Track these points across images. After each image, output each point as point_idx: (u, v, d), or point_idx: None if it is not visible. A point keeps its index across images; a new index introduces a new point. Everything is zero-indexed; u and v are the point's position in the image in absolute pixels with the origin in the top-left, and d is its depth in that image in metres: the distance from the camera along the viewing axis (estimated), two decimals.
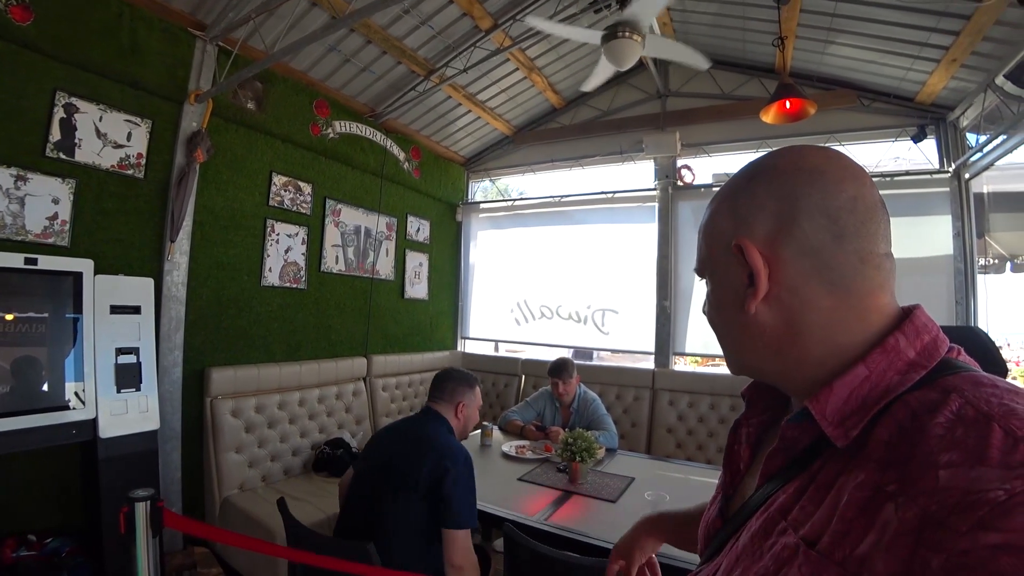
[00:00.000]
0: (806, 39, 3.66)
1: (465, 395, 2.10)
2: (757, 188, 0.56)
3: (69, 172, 2.60)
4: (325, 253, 4.00)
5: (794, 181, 0.53)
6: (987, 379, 0.44)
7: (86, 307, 2.36)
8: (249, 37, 3.15)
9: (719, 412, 3.86)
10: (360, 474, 1.99)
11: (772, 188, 0.54)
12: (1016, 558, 0.32)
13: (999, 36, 2.88)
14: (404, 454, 1.85)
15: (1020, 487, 0.34)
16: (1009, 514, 0.33)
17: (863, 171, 0.53)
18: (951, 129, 3.75)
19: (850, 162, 0.54)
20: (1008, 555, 0.32)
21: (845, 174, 0.52)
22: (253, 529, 2.64)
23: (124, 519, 1.55)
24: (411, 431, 1.97)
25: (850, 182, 0.52)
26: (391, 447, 1.94)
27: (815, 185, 0.52)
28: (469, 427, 2.14)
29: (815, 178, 0.52)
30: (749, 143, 4.49)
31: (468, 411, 2.10)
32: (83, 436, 2.31)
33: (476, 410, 2.16)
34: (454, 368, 2.22)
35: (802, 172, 0.53)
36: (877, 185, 0.54)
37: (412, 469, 1.79)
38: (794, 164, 0.54)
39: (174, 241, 2.95)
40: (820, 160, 0.53)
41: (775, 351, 0.55)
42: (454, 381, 2.11)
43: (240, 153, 3.39)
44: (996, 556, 0.32)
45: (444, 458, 1.79)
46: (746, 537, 0.54)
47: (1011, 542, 0.32)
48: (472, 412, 2.13)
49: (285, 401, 3.37)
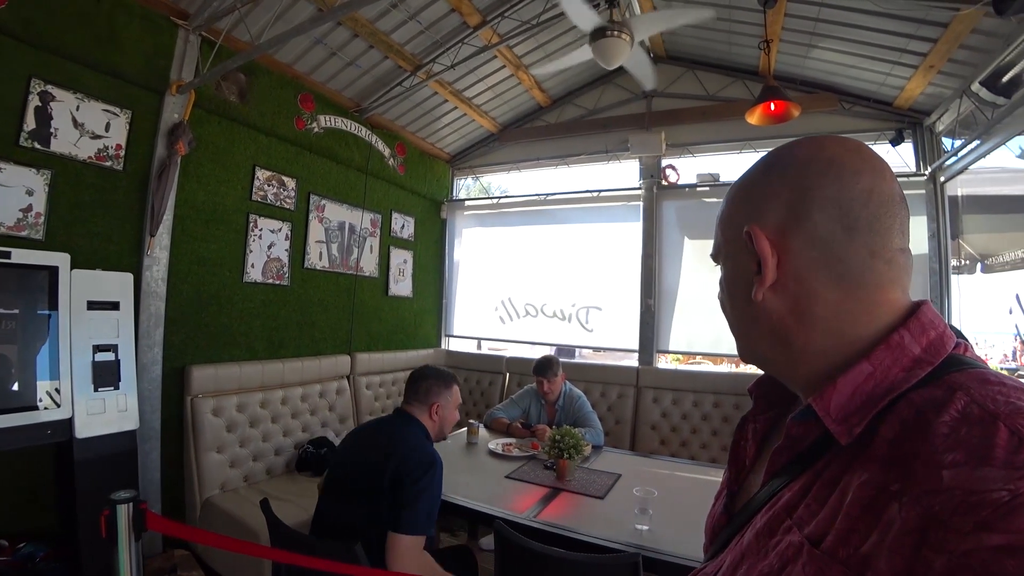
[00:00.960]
0: (790, 43, 3.73)
1: (440, 395, 2.01)
2: (772, 177, 0.56)
3: (44, 163, 2.50)
4: (309, 249, 3.94)
5: (809, 171, 0.53)
6: (994, 376, 0.44)
7: (62, 303, 2.28)
8: (233, 28, 3.08)
9: (702, 409, 3.90)
10: (331, 476, 1.95)
11: (787, 177, 0.54)
12: (1019, 560, 0.32)
13: (975, 44, 2.97)
14: (372, 460, 1.80)
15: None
16: (1012, 515, 0.33)
17: (884, 164, 0.53)
18: (927, 133, 3.86)
19: (870, 154, 0.53)
20: (1011, 557, 0.32)
21: (863, 166, 0.52)
22: (235, 530, 2.58)
23: (105, 522, 1.50)
24: (382, 433, 1.91)
25: (867, 174, 0.51)
26: (361, 451, 1.89)
27: (829, 176, 0.52)
28: (447, 428, 2.06)
29: (831, 169, 0.52)
30: (733, 144, 4.56)
31: (444, 412, 2.02)
32: (58, 437, 2.23)
33: (454, 410, 2.07)
34: (430, 366, 2.15)
35: (818, 162, 0.53)
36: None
37: (378, 474, 1.74)
38: (811, 154, 0.54)
39: (154, 235, 2.87)
40: (839, 151, 0.53)
41: (781, 340, 0.55)
42: (428, 380, 2.03)
43: (223, 146, 3.32)
44: (999, 558, 0.32)
45: (410, 462, 1.72)
46: (751, 534, 0.54)
47: (1014, 543, 0.32)
48: (449, 413, 2.04)
49: (267, 399, 3.31)
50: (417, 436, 1.89)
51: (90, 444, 2.32)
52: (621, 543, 1.81)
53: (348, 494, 1.82)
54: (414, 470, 1.70)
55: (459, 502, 2.19)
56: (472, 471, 2.65)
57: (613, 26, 2.68)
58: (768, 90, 3.17)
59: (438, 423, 2.01)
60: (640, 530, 1.91)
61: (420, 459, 1.74)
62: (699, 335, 4.47)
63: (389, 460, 1.75)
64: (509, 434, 3.23)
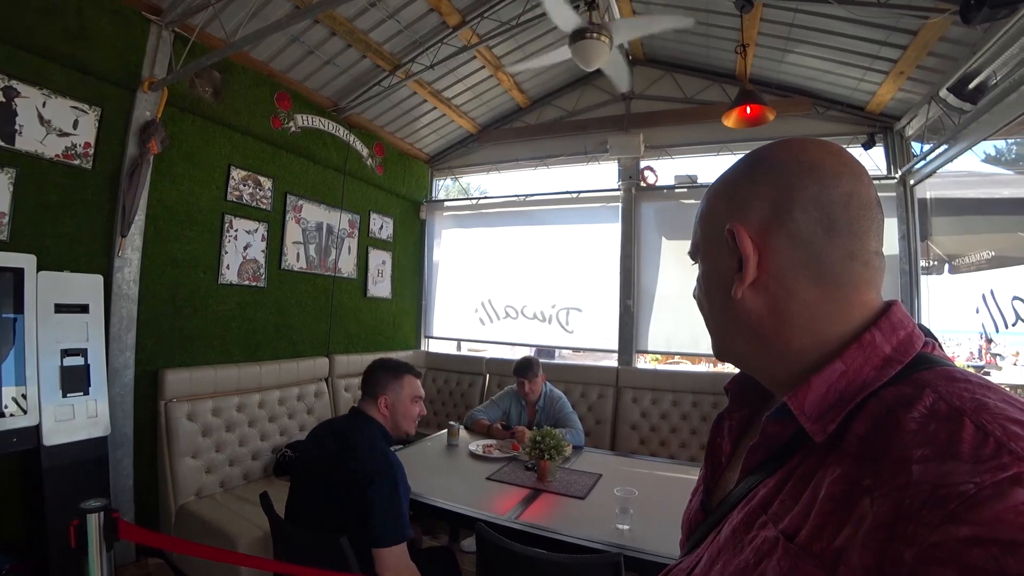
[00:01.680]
0: (766, 47, 3.79)
1: (388, 386, 1.92)
2: (756, 176, 0.56)
3: (8, 161, 2.41)
4: (286, 250, 3.88)
5: (793, 172, 0.54)
6: (961, 374, 0.46)
7: (28, 306, 2.21)
8: (208, 24, 3.02)
9: (681, 408, 3.95)
10: (297, 466, 1.92)
11: (770, 177, 0.55)
12: (986, 550, 0.33)
13: (943, 52, 3.06)
14: (331, 452, 1.77)
15: (989, 480, 0.35)
16: (979, 507, 0.34)
17: (862, 168, 0.54)
18: (898, 138, 3.97)
19: (850, 158, 0.55)
20: (978, 547, 0.33)
21: (843, 170, 0.53)
22: (212, 537, 2.53)
23: (75, 532, 1.46)
24: (341, 433, 1.84)
25: (847, 178, 0.52)
26: (323, 442, 1.85)
27: (812, 178, 0.52)
28: (404, 423, 1.95)
29: (813, 171, 0.53)
30: (711, 146, 4.62)
31: (396, 404, 1.91)
32: (25, 444, 2.16)
33: (409, 402, 1.96)
34: (384, 358, 2.04)
35: (802, 164, 0.54)
36: None
37: (338, 470, 1.71)
38: (795, 156, 0.55)
39: (125, 236, 2.79)
40: (821, 154, 0.54)
41: (758, 338, 0.56)
42: (377, 372, 1.94)
43: (197, 145, 3.24)
44: (966, 548, 0.33)
45: (368, 470, 1.66)
46: (727, 530, 0.54)
47: (981, 535, 0.33)
48: (403, 406, 1.93)
49: (244, 403, 3.26)
50: (373, 438, 1.81)
51: (59, 451, 2.25)
52: (603, 543, 1.82)
53: (313, 484, 1.79)
54: (374, 479, 1.64)
55: (440, 504, 2.17)
56: (453, 473, 2.64)
57: (593, 28, 2.70)
58: (744, 94, 3.22)
59: (390, 417, 1.91)
60: (621, 530, 1.92)
61: (378, 467, 1.68)
62: (677, 335, 4.53)
63: (348, 462, 1.70)
64: (490, 435, 3.22)
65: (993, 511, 0.34)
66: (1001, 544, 0.33)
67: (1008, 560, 0.32)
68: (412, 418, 1.98)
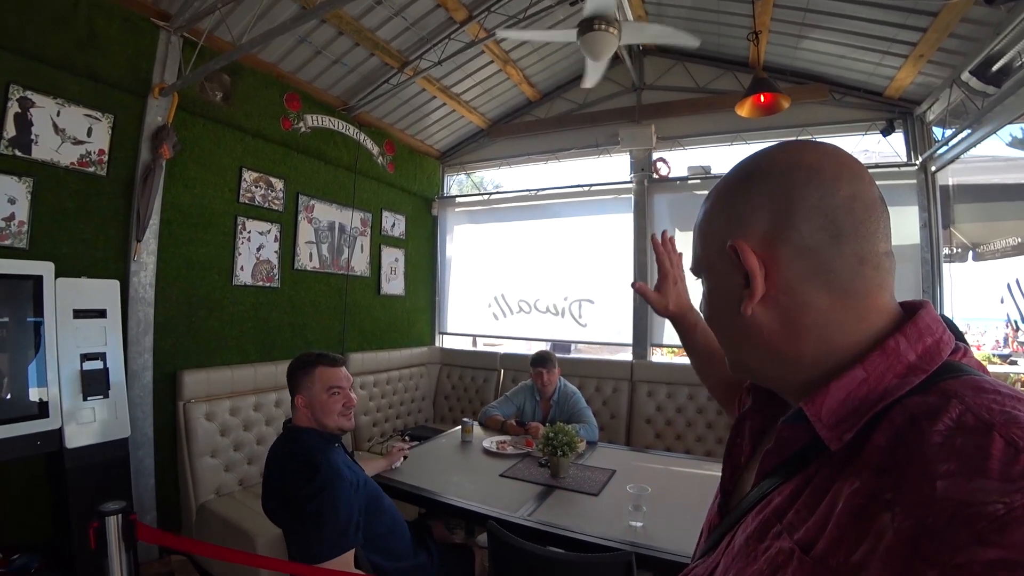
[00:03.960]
0: (780, 33, 3.70)
1: (301, 383, 1.82)
2: (753, 187, 0.54)
3: (26, 170, 2.47)
4: (299, 250, 3.92)
5: (790, 180, 0.51)
6: (990, 384, 0.43)
7: (47, 312, 2.25)
8: (215, 28, 3.04)
9: (697, 402, 3.91)
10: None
11: (768, 187, 0.53)
12: (1014, 575, 0.31)
13: (964, 33, 2.96)
14: (271, 484, 1.76)
15: (1020, 501, 0.33)
16: (1007, 529, 0.32)
17: (862, 168, 0.52)
18: (918, 123, 3.85)
19: (848, 158, 0.52)
20: (1006, 571, 0.31)
21: (843, 171, 0.51)
22: (232, 534, 2.58)
23: (94, 534, 1.49)
24: (276, 456, 1.80)
25: (848, 180, 0.50)
26: (269, 469, 1.82)
27: (811, 184, 0.50)
28: (326, 420, 1.82)
29: (812, 177, 0.51)
30: (724, 136, 4.54)
31: (312, 401, 1.81)
32: (49, 447, 2.21)
33: (326, 395, 1.82)
34: (302, 353, 1.92)
35: (799, 170, 0.51)
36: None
37: (281, 502, 1.70)
38: (790, 162, 0.52)
39: (140, 241, 2.84)
40: (817, 157, 0.52)
41: (772, 352, 0.54)
42: (291, 371, 1.86)
43: (208, 148, 3.28)
44: (993, 572, 0.32)
45: (294, 481, 1.63)
46: (741, 537, 0.53)
47: (1009, 558, 0.32)
48: (319, 401, 1.81)
49: (261, 403, 3.30)
50: (298, 450, 1.74)
51: (81, 453, 2.30)
52: (615, 540, 1.81)
53: (267, 502, 1.80)
54: (299, 490, 1.60)
55: (453, 502, 2.18)
56: (466, 470, 2.64)
57: (593, 20, 2.66)
58: (757, 82, 3.15)
59: (310, 414, 1.82)
60: (634, 527, 1.91)
61: (304, 476, 1.63)
62: None
63: (283, 486, 1.69)
64: (503, 432, 3.23)
65: (1023, 534, 0.32)
66: None
67: None
68: (334, 412, 1.83)
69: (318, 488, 1.60)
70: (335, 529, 1.57)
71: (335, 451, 1.82)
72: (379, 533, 1.86)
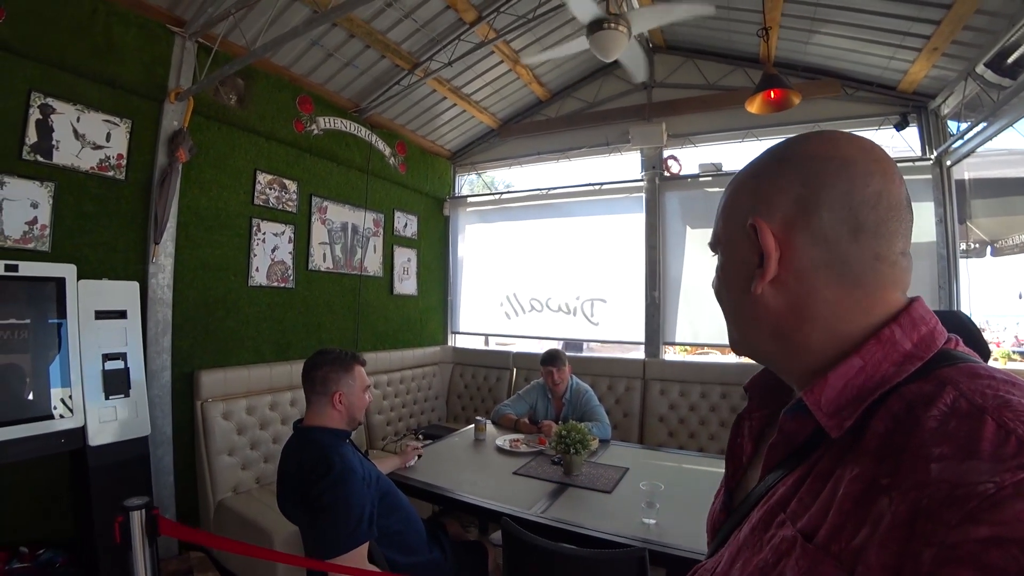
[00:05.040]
0: (790, 29, 3.67)
1: (341, 380, 1.83)
2: (784, 170, 0.55)
3: (47, 175, 2.53)
4: (312, 251, 3.96)
5: (822, 169, 0.52)
6: (984, 370, 0.44)
7: (70, 313, 2.32)
8: (229, 33, 3.09)
9: (710, 400, 3.90)
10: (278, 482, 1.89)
11: (799, 173, 0.53)
12: (1005, 551, 0.32)
13: (979, 25, 2.91)
14: (287, 483, 1.78)
15: (1010, 479, 0.34)
16: (998, 507, 0.33)
17: (894, 166, 0.53)
18: (932, 117, 3.80)
19: (882, 155, 0.53)
20: (997, 548, 0.33)
21: (875, 168, 0.51)
22: (248, 531, 2.62)
23: (119, 528, 1.53)
24: (292, 458, 1.80)
25: (878, 177, 0.51)
26: (286, 462, 1.82)
27: (842, 176, 0.51)
28: (358, 415, 1.89)
29: (844, 169, 0.51)
30: (735, 133, 4.51)
31: (350, 398, 1.84)
32: (72, 445, 2.27)
33: (362, 393, 1.88)
34: (324, 350, 1.91)
35: (832, 161, 0.52)
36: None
37: (296, 501, 1.72)
38: (825, 152, 0.53)
39: (158, 243, 2.89)
40: (852, 150, 0.52)
41: (777, 334, 0.55)
42: (324, 368, 1.84)
43: (223, 152, 3.33)
44: (986, 549, 0.33)
45: (311, 478, 1.64)
46: (747, 529, 0.54)
47: (1000, 535, 0.33)
48: (356, 398, 1.86)
49: (276, 402, 3.34)
50: (312, 449, 1.75)
51: (103, 451, 2.36)
52: (628, 537, 1.81)
53: (284, 503, 1.82)
54: (313, 486, 1.63)
55: (467, 499, 2.20)
56: (480, 468, 2.66)
57: (611, 18, 2.66)
58: (768, 78, 3.14)
59: (345, 412, 1.85)
60: (647, 524, 1.91)
61: (318, 472, 1.65)
62: (705, 325, 4.46)
63: (295, 482, 1.72)
64: (517, 430, 3.24)
65: (1013, 511, 0.33)
66: (1021, 544, 0.32)
67: None
68: (364, 408, 1.93)
69: (331, 483, 1.62)
70: (348, 523, 1.59)
71: (347, 447, 1.85)
72: (394, 529, 1.88)
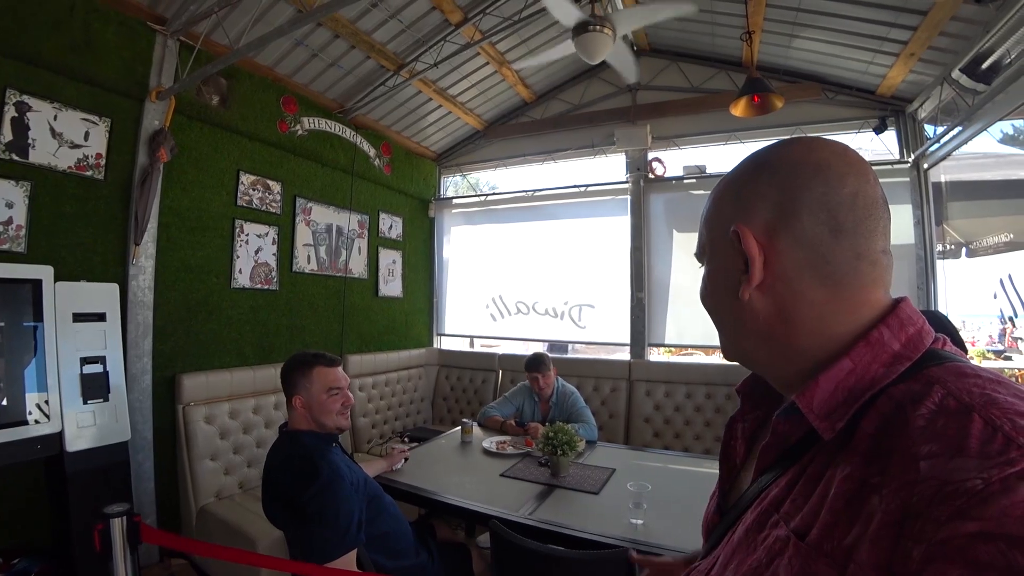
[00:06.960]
0: (772, 33, 3.74)
1: (298, 384, 1.79)
2: (762, 177, 0.56)
3: (23, 174, 2.47)
4: (296, 253, 3.92)
5: (799, 174, 0.53)
6: (971, 369, 0.45)
7: (47, 316, 2.26)
8: (212, 31, 3.05)
9: (695, 400, 3.93)
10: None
11: (776, 179, 0.54)
12: (993, 546, 0.33)
13: (954, 31, 2.99)
14: (272, 488, 1.75)
15: (997, 476, 0.35)
16: (986, 503, 0.34)
17: (868, 167, 0.54)
18: (910, 121, 3.89)
19: (855, 157, 0.54)
20: (986, 543, 0.33)
21: (849, 169, 0.52)
22: (232, 537, 2.58)
23: (99, 536, 1.50)
24: (275, 459, 1.77)
25: (853, 178, 0.52)
26: (268, 471, 1.79)
27: (818, 179, 0.52)
28: (325, 420, 1.80)
29: (819, 172, 0.52)
30: (719, 135, 4.57)
31: (310, 402, 1.78)
32: (49, 451, 2.22)
33: (325, 396, 1.79)
34: (297, 353, 1.89)
35: (807, 165, 0.53)
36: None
37: (281, 505, 1.69)
38: (800, 157, 0.54)
39: (139, 244, 2.84)
40: (826, 154, 0.53)
41: (766, 339, 0.56)
42: (285, 370, 1.82)
43: (206, 152, 3.29)
44: (974, 544, 0.33)
45: (295, 486, 1.62)
46: (741, 530, 0.55)
47: (988, 530, 0.33)
48: (317, 400, 1.78)
49: (260, 405, 3.29)
50: (298, 453, 1.72)
51: (81, 457, 2.30)
52: (616, 538, 1.82)
53: (268, 506, 1.79)
54: (301, 492, 1.60)
55: (454, 502, 2.19)
56: (466, 470, 2.65)
57: (595, 20, 2.68)
58: (751, 82, 3.18)
59: (308, 415, 1.79)
60: (635, 524, 1.92)
61: (305, 477, 1.62)
62: (690, 327, 4.50)
63: (281, 487, 1.69)
64: (503, 432, 3.23)
65: (1000, 506, 0.33)
66: (1009, 539, 0.33)
67: (1016, 555, 0.32)
68: (332, 412, 1.82)
69: (319, 489, 1.59)
70: (338, 529, 1.57)
71: (334, 451, 1.82)
72: (381, 532, 1.86)
